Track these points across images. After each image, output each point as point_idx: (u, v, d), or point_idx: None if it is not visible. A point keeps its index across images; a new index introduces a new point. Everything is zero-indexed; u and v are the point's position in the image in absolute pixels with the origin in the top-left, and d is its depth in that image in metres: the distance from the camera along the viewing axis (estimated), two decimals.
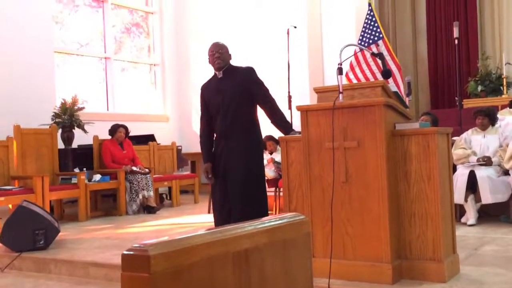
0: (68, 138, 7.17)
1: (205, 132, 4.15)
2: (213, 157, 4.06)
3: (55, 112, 7.21)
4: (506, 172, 5.32)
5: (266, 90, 4.05)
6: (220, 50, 4.13)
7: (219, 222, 4.00)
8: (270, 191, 6.43)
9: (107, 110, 9.09)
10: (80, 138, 7.36)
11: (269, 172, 6.26)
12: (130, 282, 0.96)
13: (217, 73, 4.13)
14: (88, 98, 8.70)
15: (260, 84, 4.05)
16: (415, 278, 3.18)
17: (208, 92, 4.12)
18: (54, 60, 8.15)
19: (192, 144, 9.65)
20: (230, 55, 4.22)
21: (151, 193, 7.18)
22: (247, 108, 3.99)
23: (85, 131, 7.27)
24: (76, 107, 7.26)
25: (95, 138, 7.31)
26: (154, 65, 10.07)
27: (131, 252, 0.98)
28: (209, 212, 6.86)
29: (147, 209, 7.08)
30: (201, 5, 9.89)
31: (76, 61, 8.91)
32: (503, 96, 7.96)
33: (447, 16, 8.95)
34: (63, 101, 7.28)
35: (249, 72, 4.09)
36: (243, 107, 3.96)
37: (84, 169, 6.88)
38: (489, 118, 5.50)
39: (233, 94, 3.96)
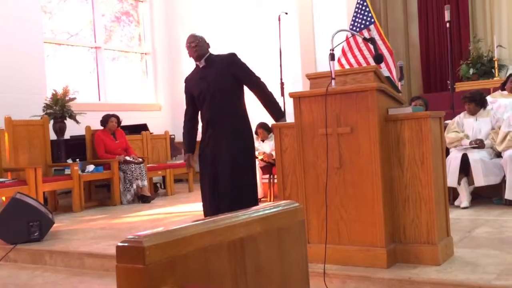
0: (60, 129, 7.14)
1: (187, 125, 4.22)
2: (201, 144, 4.06)
3: (46, 103, 7.16)
4: (498, 155, 5.35)
5: (252, 73, 4.05)
6: (196, 41, 4.11)
7: (208, 210, 4.00)
8: (264, 178, 6.46)
9: (99, 100, 9.03)
10: (72, 129, 7.32)
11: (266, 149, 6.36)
12: (125, 273, 0.96)
13: (198, 63, 4.13)
14: (79, 88, 8.64)
15: (245, 68, 4.05)
16: (409, 261, 3.20)
17: (192, 82, 4.12)
18: (44, 50, 8.07)
19: None
20: (208, 44, 4.20)
21: (145, 183, 7.17)
22: (233, 95, 3.98)
23: (77, 122, 7.23)
24: (67, 98, 7.21)
25: (88, 128, 7.28)
26: (145, 54, 10.00)
27: (126, 244, 0.98)
28: None
29: (142, 199, 7.08)
30: None
31: (66, 51, 8.83)
32: (495, 78, 7.98)
33: None
34: (54, 92, 7.23)
35: (232, 57, 4.09)
36: (228, 94, 3.95)
37: (77, 160, 6.86)
38: (475, 103, 5.51)
39: (217, 81, 3.96)
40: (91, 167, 6.88)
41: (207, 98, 3.98)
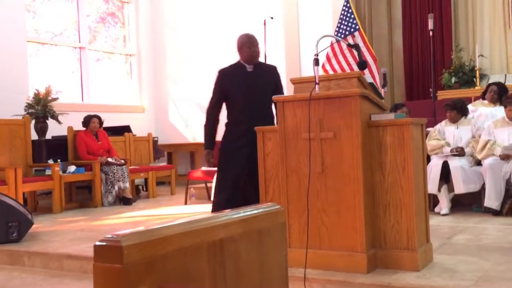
0: (41, 129, 7.06)
1: (215, 120, 4.33)
2: (231, 140, 4.21)
3: (28, 103, 7.08)
4: (478, 163, 5.42)
5: (282, 87, 4.39)
6: (259, 45, 4.35)
7: (227, 202, 3.98)
8: None
9: (82, 100, 8.96)
10: (54, 129, 7.25)
11: None
12: (102, 273, 0.95)
13: (247, 65, 4.27)
14: (62, 88, 8.56)
15: (281, 81, 4.38)
16: (389, 267, 3.22)
17: (233, 81, 4.23)
18: (27, 50, 7.99)
19: (169, 135, 9.60)
20: None
21: (127, 185, 7.12)
22: (270, 102, 4.08)
23: (59, 122, 7.15)
24: (49, 98, 7.14)
25: (70, 129, 7.20)
26: (130, 55, 9.95)
27: (104, 243, 0.97)
28: (185, 203, 6.84)
29: (123, 201, 7.03)
30: None
31: (49, 51, 8.75)
32: (476, 87, 8.08)
33: (422, 8, 9.02)
34: (36, 92, 7.15)
35: (276, 70, 4.41)
36: (268, 101, 4.04)
37: (59, 160, 6.79)
38: (456, 110, 5.58)
39: (263, 89, 4.17)
40: (72, 168, 6.81)
41: (248, 101, 4.14)
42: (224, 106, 4.34)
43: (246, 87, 4.15)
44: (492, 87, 6.13)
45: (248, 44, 4.25)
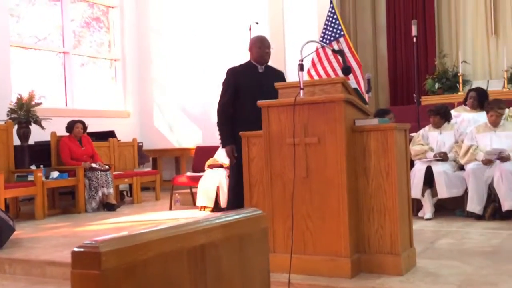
0: (24, 134, 6.98)
1: (228, 118, 4.33)
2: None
3: (11, 108, 7.00)
4: (461, 167, 5.47)
5: None
6: (270, 47, 4.44)
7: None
8: None
9: (66, 105, 8.88)
10: (37, 135, 7.17)
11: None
12: (80, 279, 0.94)
13: (258, 66, 4.39)
14: (46, 93, 8.48)
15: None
16: (373, 271, 3.23)
17: (245, 79, 4.30)
18: (10, 54, 7.91)
19: (154, 141, 9.55)
20: None
21: (111, 190, 7.06)
22: None
23: (42, 127, 7.08)
24: (33, 103, 7.07)
25: (53, 134, 7.13)
26: (115, 60, 9.90)
27: (81, 249, 0.95)
28: (170, 209, 6.81)
29: (107, 207, 6.97)
30: (162, 0, 9.77)
31: (33, 56, 8.67)
32: (459, 93, 8.17)
33: (406, 14, 9.11)
34: (19, 97, 7.08)
35: (284, 77, 4.53)
36: None
37: (41, 166, 6.71)
38: (440, 116, 5.64)
39: (271, 92, 4.18)
40: (55, 174, 6.74)
41: (256, 100, 4.07)
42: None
43: (257, 86, 4.18)
44: (472, 93, 6.20)
45: (258, 44, 4.38)
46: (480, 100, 6.04)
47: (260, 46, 4.36)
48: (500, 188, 5.02)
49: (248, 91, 4.21)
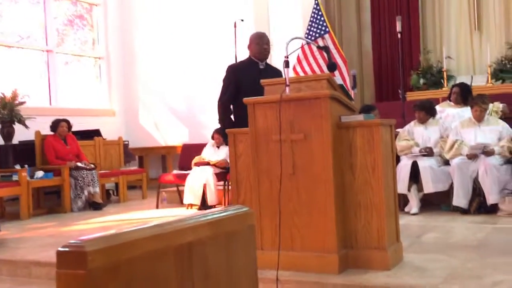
0: (8, 133, 6.90)
1: (229, 114, 4.38)
2: None
3: None
4: (446, 162, 5.51)
5: None
6: (268, 44, 4.48)
7: None
8: (219, 185, 6.43)
9: (50, 104, 8.79)
10: (21, 134, 7.09)
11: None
12: (65, 279, 0.93)
13: (259, 63, 4.43)
14: (29, 92, 8.37)
15: None
16: (360, 267, 3.24)
17: (246, 76, 4.31)
18: None
19: (140, 139, 9.49)
20: None
21: (97, 189, 7.01)
22: None
23: (26, 127, 7.00)
24: (16, 102, 6.98)
25: (37, 133, 7.06)
26: (99, 58, 9.81)
27: (67, 249, 0.94)
28: (157, 207, 6.78)
29: (93, 206, 6.92)
30: None
31: (16, 54, 8.56)
32: (444, 89, 8.24)
33: (391, 11, 9.16)
34: (2, 96, 6.99)
35: (280, 72, 4.46)
36: None
37: (26, 165, 6.64)
38: (425, 111, 5.68)
39: None
40: (40, 173, 6.68)
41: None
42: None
43: (258, 83, 4.16)
44: (455, 89, 6.26)
45: (257, 41, 4.44)
46: (464, 95, 6.10)
47: (259, 42, 4.42)
48: (484, 182, 5.07)
49: (249, 87, 4.19)
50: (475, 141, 5.32)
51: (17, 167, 6.57)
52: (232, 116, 4.53)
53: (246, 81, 4.30)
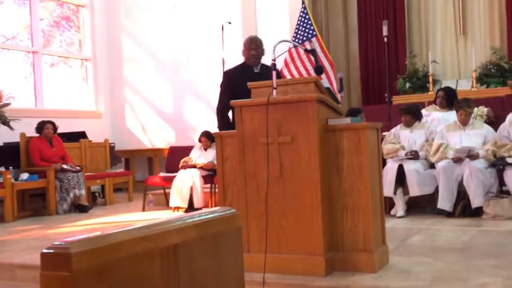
0: None
1: (228, 121, 4.36)
2: None
3: None
4: (432, 166, 5.55)
5: None
6: (258, 48, 4.42)
7: None
8: (206, 187, 6.42)
9: (35, 106, 8.72)
10: (6, 135, 7.02)
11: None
12: (50, 282, 0.92)
13: (254, 67, 4.39)
14: (15, 94, 8.29)
15: None
16: (347, 269, 3.25)
17: (242, 82, 4.24)
18: None
19: (126, 141, 9.44)
20: (263, 50, 4.50)
21: (83, 192, 6.96)
22: None
23: (11, 128, 6.93)
24: (1, 103, 6.92)
25: (22, 135, 6.99)
26: (86, 60, 9.75)
27: (51, 250, 0.93)
28: (143, 210, 6.75)
29: (79, 208, 6.86)
30: None
31: (1, 55, 8.48)
32: (429, 93, 8.30)
33: (377, 15, 9.22)
34: None
35: (280, 76, 4.53)
36: None
37: (10, 167, 6.57)
38: (411, 115, 5.73)
39: None
40: (25, 175, 6.61)
41: None
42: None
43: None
44: (440, 93, 6.33)
45: (246, 46, 4.42)
46: (449, 99, 6.16)
47: (248, 48, 4.40)
48: (469, 186, 5.11)
49: (245, 93, 4.18)
50: (460, 145, 5.37)
51: (2, 169, 6.50)
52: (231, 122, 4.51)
53: (241, 87, 4.26)
